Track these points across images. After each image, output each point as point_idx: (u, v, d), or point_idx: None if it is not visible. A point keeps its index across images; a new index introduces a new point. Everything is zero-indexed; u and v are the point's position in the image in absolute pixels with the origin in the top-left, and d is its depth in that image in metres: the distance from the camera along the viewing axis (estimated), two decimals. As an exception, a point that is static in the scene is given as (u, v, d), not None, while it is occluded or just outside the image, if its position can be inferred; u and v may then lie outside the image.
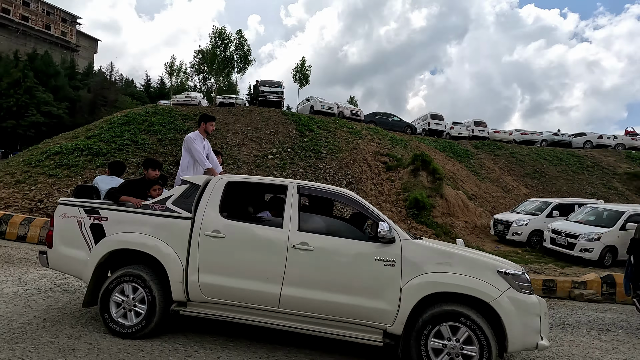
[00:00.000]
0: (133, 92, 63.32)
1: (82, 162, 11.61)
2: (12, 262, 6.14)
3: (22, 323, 3.60)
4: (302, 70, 21.68)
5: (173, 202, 3.65)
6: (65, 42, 74.20)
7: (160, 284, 3.47)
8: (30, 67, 47.94)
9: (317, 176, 12.21)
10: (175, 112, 15.75)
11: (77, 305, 4.32)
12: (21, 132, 42.46)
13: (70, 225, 3.70)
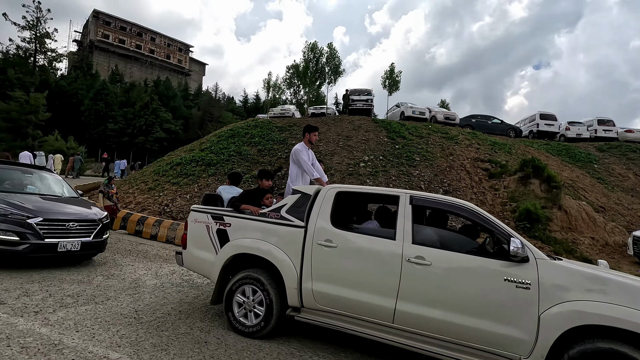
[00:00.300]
0: (233, 108, 70.28)
1: (198, 171, 13.24)
2: (149, 258, 7.22)
3: (163, 313, 4.16)
4: (391, 76, 21.34)
5: (287, 210, 3.83)
6: (180, 68, 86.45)
7: (277, 289, 3.65)
8: (155, 92, 56.95)
9: (411, 184, 11.75)
10: (272, 125, 16.91)
11: (202, 300, 4.83)
12: (148, 146, 50.52)
13: (201, 230, 4.16)
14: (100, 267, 5.98)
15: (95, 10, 74.73)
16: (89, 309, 3.99)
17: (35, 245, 5.10)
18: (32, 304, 3.94)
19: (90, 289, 4.71)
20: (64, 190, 6.79)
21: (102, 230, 6.06)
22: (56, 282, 4.81)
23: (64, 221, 5.48)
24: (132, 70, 77.46)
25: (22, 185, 6.23)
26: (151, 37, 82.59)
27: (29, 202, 5.50)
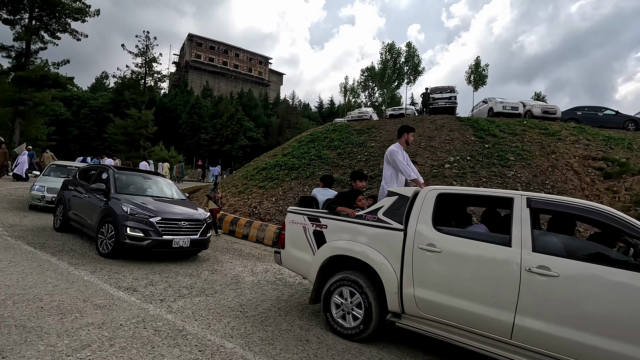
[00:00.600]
0: (309, 114, 72.68)
1: (281, 175, 13.91)
2: (243, 256, 7.75)
3: (264, 309, 4.39)
4: (477, 70, 19.82)
5: (384, 213, 3.74)
6: (260, 79, 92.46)
7: (376, 292, 3.58)
8: (239, 103, 61.79)
9: (506, 186, 10.67)
10: (351, 128, 16.99)
11: (297, 299, 4.99)
12: (234, 153, 54.98)
13: (298, 231, 4.30)
14: (205, 262, 6.59)
15: (190, 34, 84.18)
16: (202, 300, 4.40)
17: (156, 241, 5.84)
18: (157, 292, 4.49)
19: (200, 282, 5.21)
20: (174, 193, 7.67)
21: (206, 230, 6.69)
22: (172, 275, 5.43)
23: (177, 220, 6.18)
24: (219, 85, 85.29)
25: (143, 188, 7.21)
26: (235, 53, 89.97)
27: (150, 203, 6.33)
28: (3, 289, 3.89)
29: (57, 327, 3.16)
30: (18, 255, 5.32)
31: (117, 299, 4.04)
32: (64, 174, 10.28)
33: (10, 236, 6.47)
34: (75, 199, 7.15)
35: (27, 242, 6.21)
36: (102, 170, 7.22)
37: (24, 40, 22.65)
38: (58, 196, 7.77)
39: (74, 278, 4.58)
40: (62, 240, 6.65)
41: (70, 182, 7.65)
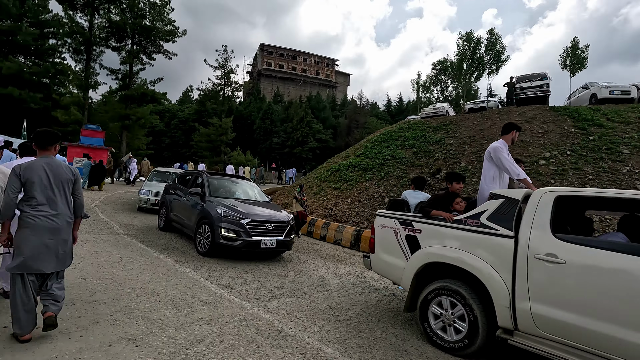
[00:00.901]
0: (377, 113, 71.62)
1: (355, 176, 13.85)
2: (324, 258, 7.82)
3: (355, 313, 4.33)
4: (574, 52, 17.42)
5: (488, 217, 3.41)
6: (328, 82, 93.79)
7: (482, 305, 3.27)
8: (308, 106, 63.41)
9: (620, 184, 9.13)
10: (426, 125, 16.23)
11: (385, 305, 4.84)
12: (304, 155, 56.61)
13: (389, 235, 4.16)
14: (290, 263, 6.79)
15: (261, 44, 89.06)
16: (294, 301, 4.51)
17: (246, 241, 6.18)
18: (252, 291, 4.72)
19: (288, 283, 5.36)
20: (258, 195, 8.07)
21: (290, 231, 6.90)
22: (263, 275, 5.68)
23: (264, 222, 6.47)
24: (289, 90, 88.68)
25: (231, 191, 7.71)
26: (303, 58, 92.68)
27: (239, 205, 6.74)
28: (127, 283, 4.43)
29: (174, 320, 3.48)
30: (134, 252, 6.06)
31: (219, 297, 4.33)
32: (164, 179, 11.54)
33: (126, 235, 7.43)
34: (175, 202, 7.94)
35: (140, 240, 7.06)
36: (197, 176, 7.91)
37: (128, 64, 26.19)
38: (161, 199, 8.72)
39: (181, 275, 5.05)
40: (167, 239, 7.42)
41: (171, 187, 8.53)
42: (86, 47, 24.96)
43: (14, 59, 28.24)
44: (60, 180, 2.95)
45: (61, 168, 2.99)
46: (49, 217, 2.87)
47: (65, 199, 2.99)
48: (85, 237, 6.58)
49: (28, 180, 2.82)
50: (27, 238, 2.80)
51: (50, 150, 3.03)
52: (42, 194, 2.86)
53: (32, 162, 2.91)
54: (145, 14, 25.92)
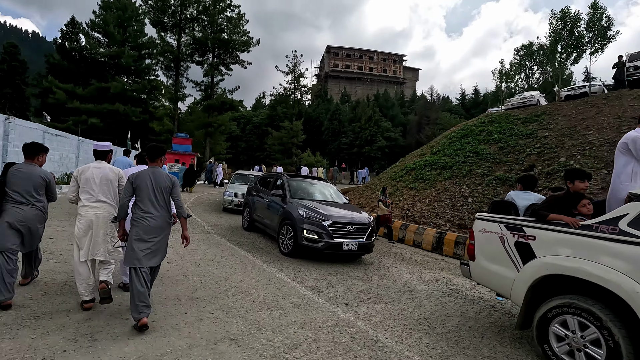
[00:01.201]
0: (450, 108, 67.59)
1: (433, 175, 13.08)
2: (405, 261, 7.45)
3: (453, 326, 3.95)
4: None
5: (629, 223, 2.80)
6: (395, 78, 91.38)
7: (626, 329, 2.69)
8: (376, 105, 62.40)
9: None
10: (513, 117, 14.68)
11: (486, 317, 4.35)
12: (373, 154, 55.79)
13: (493, 241, 3.71)
14: (371, 266, 6.58)
15: (328, 46, 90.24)
16: (383, 308, 4.29)
17: (328, 243, 6.14)
18: (339, 295, 4.63)
19: (374, 288, 5.16)
20: (336, 196, 8.00)
21: (371, 233, 6.69)
22: (347, 278, 5.57)
23: (345, 224, 6.36)
24: (356, 90, 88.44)
25: (310, 193, 7.77)
26: (370, 56, 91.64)
27: (319, 207, 6.73)
28: (223, 281, 4.66)
29: (269, 322, 3.52)
30: (225, 251, 6.42)
31: (308, 299, 4.30)
32: (245, 182, 12.19)
33: (216, 234, 7.95)
34: (258, 204, 8.28)
35: (228, 239, 7.48)
36: (277, 178, 8.15)
37: (209, 75, 28.55)
38: (244, 201, 9.18)
39: (269, 275, 5.17)
40: (251, 239, 7.76)
41: (253, 189, 8.92)
42: (175, 63, 27.84)
43: (119, 79, 32.69)
44: (160, 187, 3.35)
45: (162, 177, 3.40)
46: (152, 218, 3.28)
47: (164, 202, 3.39)
48: (182, 236, 7.18)
49: (138, 187, 3.30)
50: (137, 236, 3.22)
51: (157, 162, 3.50)
52: (147, 198, 3.30)
53: (141, 172, 3.40)
54: (223, 28, 27.97)
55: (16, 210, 3.42)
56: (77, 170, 3.61)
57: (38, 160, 3.73)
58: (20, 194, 3.47)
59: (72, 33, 35.49)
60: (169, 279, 4.54)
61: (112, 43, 32.78)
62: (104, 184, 3.56)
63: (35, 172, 3.59)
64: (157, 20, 27.22)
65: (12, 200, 3.44)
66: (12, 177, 3.50)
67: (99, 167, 3.60)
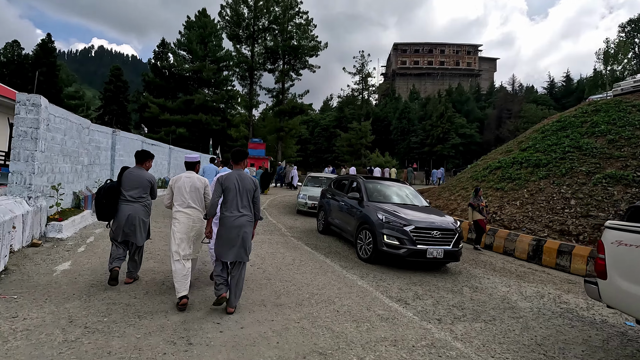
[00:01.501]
0: (535, 98, 60.87)
1: (524, 174, 11.65)
2: (498, 271, 6.64)
3: (576, 356, 3.29)
4: None
5: None
6: (470, 71, 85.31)
7: None
8: (449, 100, 58.85)
9: None
10: (625, 104, 12.42)
11: (619, 348, 3.56)
12: (445, 153, 52.62)
13: (632, 256, 2.99)
14: (459, 276, 5.97)
15: (395, 44, 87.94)
16: (483, 328, 3.77)
17: (410, 250, 5.71)
18: (428, 309, 4.21)
19: (467, 302, 4.62)
20: (416, 199, 7.49)
21: (458, 240, 6.08)
22: (433, 288, 5.09)
23: (429, 229, 5.87)
24: (425, 86, 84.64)
25: (388, 195, 7.38)
26: (440, 50, 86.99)
27: (399, 210, 6.32)
28: (305, 287, 4.56)
29: (357, 336, 3.29)
30: (303, 255, 6.38)
31: (395, 312, 3.98)
32: (318, 184, 12.23)
33: (292, 237, 8.01)
34: (333, 207, 8.15)
35: (305, 242, 7.47)
36: (352, 180, 7.93)
37: (280, 82, 29.67)
38: (319, 203, 9.14)
39: (350, 283, 4.95)
40: (328, 243, 7.65)
41: (328, 191, 8.83)
42: (249, 73, 29.48)
43: (201, 91, 35.79)
44: (245, 188, 3.63)
45: (247, 179, 3.68)
46: (236, 217, 3.56)
47: (248, 203, 3.65)
48: (262, 238, 7.35)
49: (226, 188, 3.60)
50: (221, 233, 3.55)
51: (240, 164, 3.79)
52: (233, 199, 3.59)
53: (229, 174, 3.70)
54: (293, 35, 28.83)
55: (128, 207, 4.04)
56: (172, 180, 3.99)
57: (145, 165, 4.34)
58: (131, 193, 4.08)
59: (163, 53, 39.91)
60: (253, 282, 4.59)
61: (195, 59, 36.04)
62: (193, 192, 3.86)
63: (144, 175, 4.22)
64: (232, 33, 29.10)
65: (124, 199, 4.06)
66: (126, 178, 4.13)
67: (189, 177, 3.92)
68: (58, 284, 3.92)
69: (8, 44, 46.37)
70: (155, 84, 37.90)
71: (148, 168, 4.35)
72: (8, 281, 3.90)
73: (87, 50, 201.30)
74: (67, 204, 7.26)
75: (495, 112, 56.38)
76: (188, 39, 35.85)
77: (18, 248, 4.96)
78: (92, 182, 9.05)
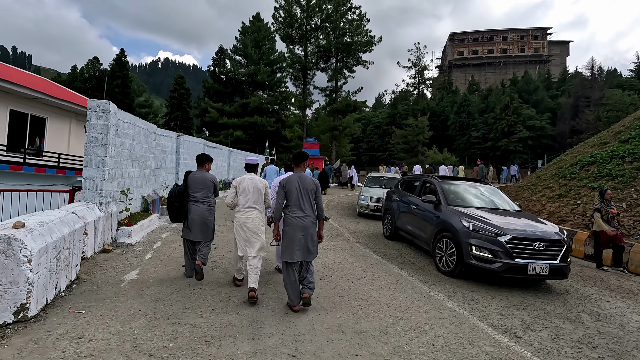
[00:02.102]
0: (620, 83, 53.51)
1: (628, 170, 9.79)
2: (616, 292, 5.41)
3: None
4: None
5: None
6: (537, 57, 77.81)
7: None
8: (514, 90, 54.01)
9: None
10: None
11: None
12: (512, 147, 48.26)
13: None
14: (567, 297, 4.90)
15: (451, 34, 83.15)
16: (638, 381, 2.81)
17: (507, 265, 4.78)
18: (548, 346, 3.32)
19: (595, 337, 3.63)
20: (505, 202, 6.43)
21: (567, 253, 5.00)
22: (542, 314, 4.14)
23: (531, 240, 4.88)
24: (486, 77, 78.93)
25: (469, 199, 6.41)
26: (502, 37, 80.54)
27: (489, 217, 5.39)
28: (385, 309, 3.91)
29: (469, 385, 2.56)
30: (374, 265, 5.73)
31: (507, 350, 3.16)
32: (379, 184, 11.47)
33: (358, 243, 7.39)
34: (402, 210, 7.37)
35: (373, 250, 6.81)
36: (426, 181, 7.09)
37: (334, 80, 29.20)
38: (385, 206, 8.40)
39: (438, 304, 4.20)
40: (398, 251, 6.91)
41: (395, 193, 8.06)
42: (303, 72, 29.43)
43: (256, 93, 36.69)
44: (307, 190, 3.71)
45: (308, 180, 3.75)
46: (300, 218, 3.65)
47: (310, 204, 3.73)
48: (326, 245, 6.83)
49: (288, 190, 3.69)
50: (286, 234, 3.65)
51: (301, 167, 3.85)
52: (296, 201, 3.67)
53: (290, 176, 3.78)
54: (345, 32, 28.19)
55: (195, 207, 4.36)
56: (235, 181, 4.20)
57: (206, 167, 4.61)
58: (197, 194, 4.39)
59: (220, 59, 41.68)
60: (325, 299, 4.05)
61: (250, 63, 37.04)
62: (255, 193, 4.09)
63: (207, 177, 4.52)
64: (286, 35, 29.25)
65: (192, 200, 4.38)
66: (191, 180, 4.44)
67: (251, 178, 4.16)
68: (125, 297, 3.72)
69: (90, 61, 51.81)
70: (214, 89, 39.68)
71: (208, 170, 4.64)
72: (79, 292, 3.79)
73: (155, 62, 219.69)
74: (135, 208, 7.38)
75: (571, 101, 50.60)
76: (243, 44, 36.93)
77: (90, 254, 4.96)
78: (158, 186, 9.26)
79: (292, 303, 3.62)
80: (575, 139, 44.80)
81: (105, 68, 51.70)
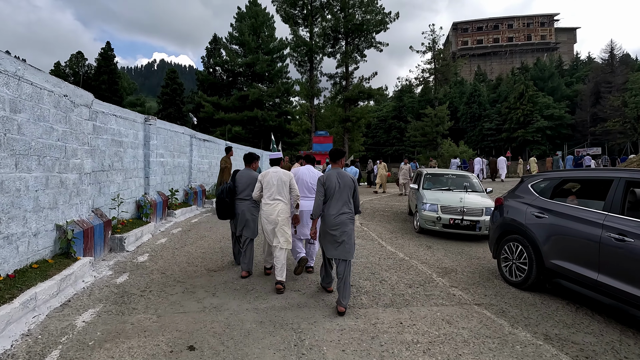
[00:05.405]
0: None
1: None
2: None
3: None
4: None
5: None
6: (544, 44, 74.74)
7: None
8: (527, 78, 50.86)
9: None
10: None
11: None
12: (529, 138, 45.17)
13: None
14: None
15: (454, 23, 79.82)
16: None
17: None
18: None
19: None
20: None
21: None
22: None
23: None
24: (492, 66, 75.83)
25: None
26: (508, 24, 77.34)
27: None
28: None
29: None
30: (492, 336, 2.45)
31: None
32: (444, 186, 8.19)
33: (451, 286, 4.17)
34: (558, 235, 4.05)
35: (512, 320, 3.53)
36: (609, 180, 3.76)
37: (344, 65, 25.82)
38: (501, 226, 5.03)
39: None
40: (560, 319, 3.64)
41: (522, 203, 4.73)
42: (309, 57, 26.01)
43: (256, 85, 33.24)
44: (346, 186, 3.68)
45: (346, 177, 3.72)
46: (338, 214, 3.61)
47: (347, 200, 3.67)
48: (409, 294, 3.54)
49: (328, 187, 3.67)
50: (323, 230, 3.73)
51: (338, 163, 3.84)
52: (334, 197, 3.65)
53: (329, 172, 3.74)
54: (355, 10, 24.80)
55: (241, 204, 4.56)
56: (261, 175, 4.26)
57: (253, 166, 4.78)
58: (244, 193, 4.57)
59: (215, 49, 38.14)
60: None
61: (247, 52, 33.56)
62: (279, 185, 4.13)
63: (253, 175, 4.65)
64: (288, 15, 25.82)
65: (239, 198, 4.59)
66: (239, 179, 4.64)
67: (275, 171, 4.19)
68: None
69: (73, 56, 48.09)
70: (208, 82, 36.22)
71: (255, 169, 4.76)
72: None
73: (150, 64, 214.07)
74: (32, 252, 4.02)
75: (590, 87, 47.42)
76: (240, 31, 33.46)
77: None
78: (106, 200, 5.89)
79: (326, 285, 4.00)
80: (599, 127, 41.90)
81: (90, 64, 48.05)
